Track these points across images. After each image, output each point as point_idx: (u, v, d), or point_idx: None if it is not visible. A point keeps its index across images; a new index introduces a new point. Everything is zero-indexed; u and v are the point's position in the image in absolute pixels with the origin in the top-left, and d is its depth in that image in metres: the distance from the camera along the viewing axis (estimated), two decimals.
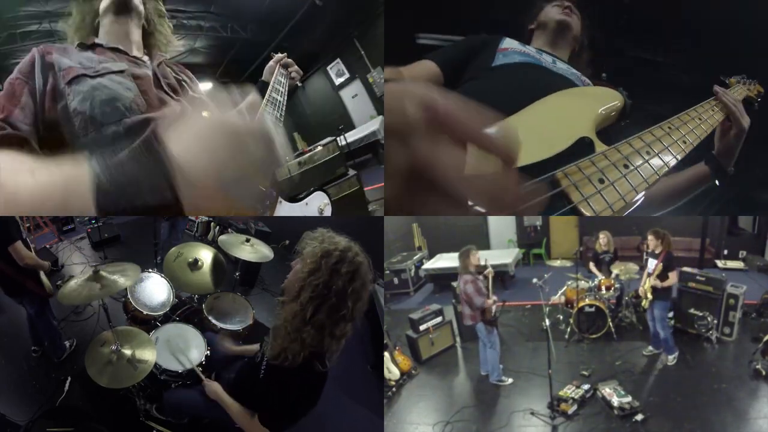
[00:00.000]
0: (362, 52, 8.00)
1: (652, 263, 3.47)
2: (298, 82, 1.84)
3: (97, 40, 1.44)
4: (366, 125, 7.68)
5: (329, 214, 2.07)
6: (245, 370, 1.81)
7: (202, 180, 0.64)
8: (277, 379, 1.44)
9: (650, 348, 3.60)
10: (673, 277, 3.40)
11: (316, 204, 2.05)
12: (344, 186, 3.53)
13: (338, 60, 8.66)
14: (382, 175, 5.74)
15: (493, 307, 3.23)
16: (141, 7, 1.51)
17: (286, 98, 1.67)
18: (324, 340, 1.36)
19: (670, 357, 3.41)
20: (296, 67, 1.84)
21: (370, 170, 6.54)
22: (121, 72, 1.36)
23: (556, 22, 2.03)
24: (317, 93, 9.42)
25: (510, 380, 3.34)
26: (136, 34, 1.54)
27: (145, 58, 1.54)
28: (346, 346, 1.50)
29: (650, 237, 3.48)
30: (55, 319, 2.87)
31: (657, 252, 3.45)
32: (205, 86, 1.78)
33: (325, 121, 8.91)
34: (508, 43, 1.94)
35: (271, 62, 1.84)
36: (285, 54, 1.83)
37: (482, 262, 3.37)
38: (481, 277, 3.30)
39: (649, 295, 3.40)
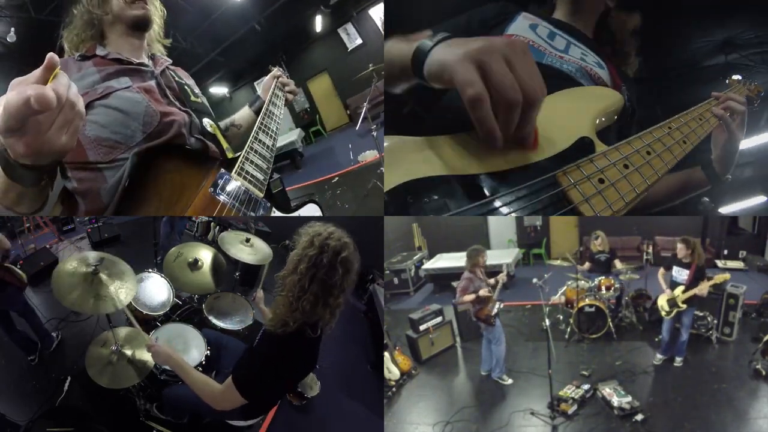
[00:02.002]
0: (287, 74, 9.82)
1: (680, 272, 3.32)
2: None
3: (98, 52, 1.41)
4: (286, 135, 8.84)
5: None
6: (243, 354, 1.88)
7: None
8: (270, 342, 1.56)
9: (659, 356, 3.46)
10: (705, 285, 3.26)
11: (308, 214, 2.09)
12: (271, 186, 3.80)
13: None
14: (299, 179, 7.12)
15: (495, 308, 3.23)
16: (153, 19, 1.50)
17: (282, 112, 1.70)
18: (318, 309, 1.48)
19: (679, 359, 3.38)
20: (293, 86, 1.87)
21: (288, 174, 7.74)
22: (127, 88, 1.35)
23: None
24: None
25: (510, 380, 3.34)
26: (144, 44, 1.53)
27: (149, 62, 1.51)
28: (346, 346, 1.53)
29: (680, 245, 3.32)
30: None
31: (686, 261, 3.30)
32: None
33: None
34: (515, 29, 1.85)
35: (267, 78, 1.84)
36: (283, 72, 1.86)
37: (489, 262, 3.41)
38: (480, 276, 3.30)
39: (682, 305, 3.28)
